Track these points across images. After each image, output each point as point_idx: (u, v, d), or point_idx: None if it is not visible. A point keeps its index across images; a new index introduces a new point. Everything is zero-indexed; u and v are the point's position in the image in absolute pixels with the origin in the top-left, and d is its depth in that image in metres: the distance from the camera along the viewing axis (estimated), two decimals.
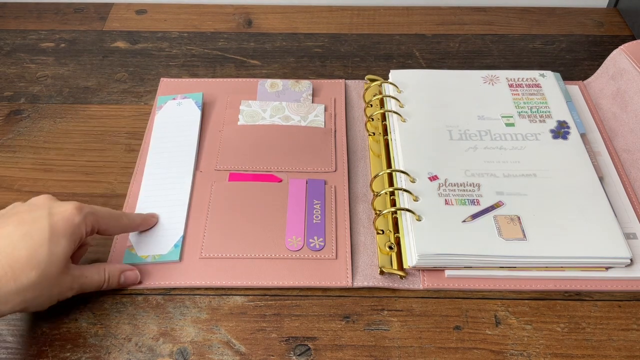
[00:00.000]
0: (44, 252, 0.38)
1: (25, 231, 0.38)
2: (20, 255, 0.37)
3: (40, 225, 0.38)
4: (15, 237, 0.38)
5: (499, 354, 0.43)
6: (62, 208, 0.40)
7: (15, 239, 0.37)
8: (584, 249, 0.46)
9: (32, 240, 0.38)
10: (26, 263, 0.37)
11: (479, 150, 0.53)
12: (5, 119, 0.61)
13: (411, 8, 0.77)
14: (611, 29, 0.73)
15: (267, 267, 0.47)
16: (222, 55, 0.69)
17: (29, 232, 0.38)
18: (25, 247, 0.37)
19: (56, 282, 0.39)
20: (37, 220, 0.39)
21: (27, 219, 0.39)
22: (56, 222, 0.39)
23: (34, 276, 0.37)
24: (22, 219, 0.39)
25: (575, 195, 0.49)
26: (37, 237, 0.38)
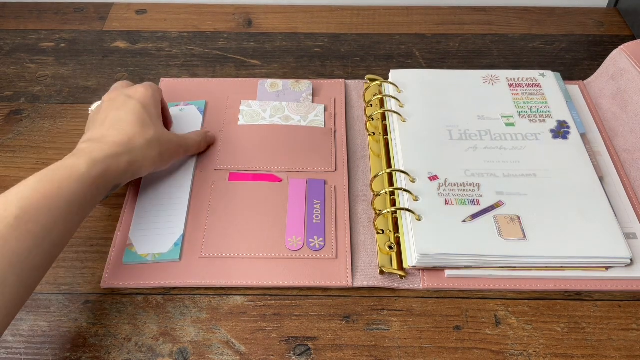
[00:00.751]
0: (147, 117, 0.48)
1: (127, 110, 0.48)
2: (134, 123, 0.47)
3: (132, 103, 0.48)
4: (122, 115, 0.47)
5: (499, 354, 0.43)
6: (134, 90, 0.50)
7: (123, 116, 0.47)
8: (584, 249, 0.46)
9: (134, 113, 0.47)
10: (142, 127, 0.47)
11: (479, 150, 0.53)
12: (5, 119, 0.61)
13: (411, 8, 0.77)
14: (611, 29, 0.73)
15: (267, 267, 0.47)
16: (222, 55, 0.69)
17: (129, 110, 0.48)
18: (134, 118, 0.47)
19: (168, 137, 0.49)
20: (126, 102, 0.48)
21: (119, 105, 0.48)
22: (139, 99, 0.49)
23: (152, 132, 0.47)
24: (116, 107, 0.48)
25: (575, 195, 0.49)
26: (136, 109, 0.48)
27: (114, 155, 0.44)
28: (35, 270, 0.38)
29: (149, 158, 0.47)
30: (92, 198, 0.42)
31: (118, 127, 0.46)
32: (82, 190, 0.41)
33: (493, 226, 0.47)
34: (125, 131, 0.46)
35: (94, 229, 0.51)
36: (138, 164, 0.46)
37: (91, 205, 0.43)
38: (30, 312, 0.45)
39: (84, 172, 0.42)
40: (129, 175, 0.46)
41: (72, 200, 0.40)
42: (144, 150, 0.46)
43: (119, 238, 0.49)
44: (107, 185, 0.44)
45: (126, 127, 0.46)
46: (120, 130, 0.46)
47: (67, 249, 0.49)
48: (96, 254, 0.49)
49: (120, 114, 0.47)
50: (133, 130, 0.46)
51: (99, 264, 0.48)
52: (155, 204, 0.51)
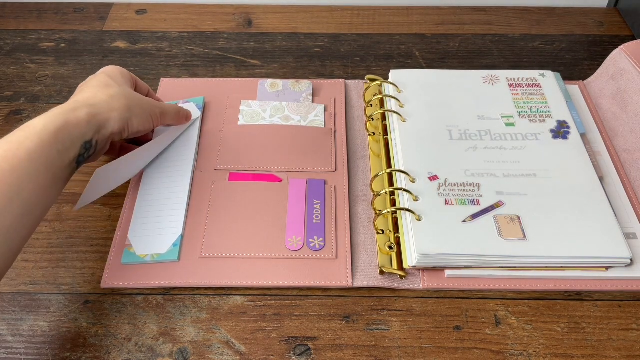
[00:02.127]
0: (111, 81, 0.48)
1: (92, 80, 0.49)
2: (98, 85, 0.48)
3: (97, 76, 0.49)
4: (88, 84, 0.48)
5: (499, 354, 0.43)
6: (107, 67, 0.51)
7: (88, 84, 0.48)
8: (584, 249, 0.46)
9: (99, 80, 0.48)
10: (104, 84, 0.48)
11: (479, 150, 0.53)
12: (5, 119, 0.61)
13: (411, 8, 0.77)
14: (611, 29, 0.73)
15: (267, 267, 0.47)
16: (222, 55, 0.69)
17: (95, 79, 0.49)
18: (96, 83, 0.48)
19: (136, 95, 0.49)
20: (95, 76, 0.50)
21: (87, 81, 0.49)
22: (104, 71, 0.50)
23: (117, 88, 0.48)
24: (88, 86, 0.48)
25: (575, 195, 0.49)
26: (102, 78, 0.49)
27: (71, 110, 0.43)
28: (12, 232, 0.38)
29: (115, 110, 0.46)
30: (59, 154, 0.41)
31: (80, 92, 0.47)
32: (43, 145, 0.40)
33: (493, 226, 0.47)
34: (85, 92, 0.47)
35: (94, 229, 0.51)
36: (102, 116, 0.45)
37: (61, 162, 0.42)
38: (30, 312, 0.45)
39: (41, 127, 0.41)
40: (95, 128, 0.44)
41: (34, 157, 0.39)
42: (108, 103, 0.46)
43: (119, 238, 0.49)
44: (73, 139, 0.42)
45: (88, 89, 0.47)
46: (82, 93, 0.47)
47: (66, 249, 0.49)
48: (96, 254, 0.49)
49: (86, 84, 0.49)
50: (94, 90, 0.47)
51: (99, 264, 0.48)
52: (155, 204, 0.51)
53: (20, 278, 0.47)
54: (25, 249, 0.49)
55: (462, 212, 0.48)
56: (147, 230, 0.49)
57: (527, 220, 0.47)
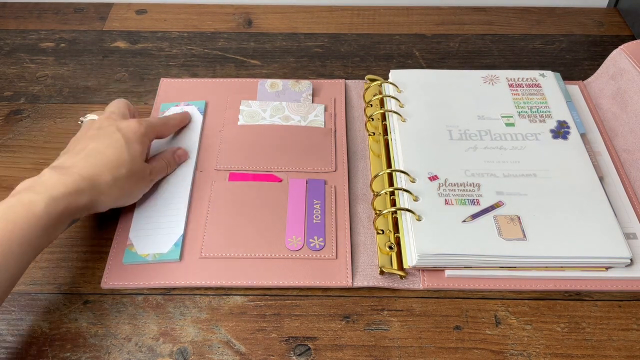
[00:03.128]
0: (126, 155, 0.46)
1: (107, 143, 0.47)
2: (111, 158, 0.46)
3: (115, 137, 0.47)
4: (101, 148, 0.46)
5: (499, 354, 0.43)
6: (126, 124, 0.49)
7: (102, 149, 0.46)
8: (584, 249, 0.46)
9: (114, 148, 0.46)
10: (116, 163, 0.46)
11: (479, 150, 0.53)
12: (5, 119, 0.61)
13: (411, 8, 0.77)
14: (611, 29, 0.73)
15: (267, 267, 0.47)
16: (222, 55, 0.69)
17: (110, 143, 0.47)
18: (111, 153, 0.46)
19: (140, 177, 0.48)
20: (110, 134, 0.47)
21: (101, 136, 0.47)
22: (126, 134, 0.48)
23: (125, 171, 0.46)
24: (97, 137, 0.47)
25: (575, 195, 0.49)
26: (117, 145, 0.47)
27: (75, 193, 0.42)
28: None
29: (112, 196, 0.45)
30: (48, 236, 0.41)
31: (91, 159, 0.45)
32: (38, 229, 0.39)
33: (493, 226, 0.47)
34: (95, 165, 0.45)
35: (94, 229, 0.51)
36: (99, 202, 0.45)
37: (47, 241, 0.41)
38: (31, 312, 0.45)
39: (41, 211, 0.40)
40: (86, 212, 0.45)
41: (26, 241, 0.39)
42: (109, 188, 0.45)
43: (119, 238, 0.49)
44: (65, 222, 0.42)
45: (99, 160, 0.45)
46: (92, 163, 0.45)
47: (67, 249, 0.49)
48: (96, 254, 0.49)
49: (100, 146, 0.46)
50: (104, 166, 0.45)
51: (99, 264, 0.48)
52: (155, 204, 0.51)
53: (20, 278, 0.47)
54: None
55: (462, 212, 0.48)
56: (148, 230, 0.49)
57: (527, 220, 0.47)
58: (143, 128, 0.49)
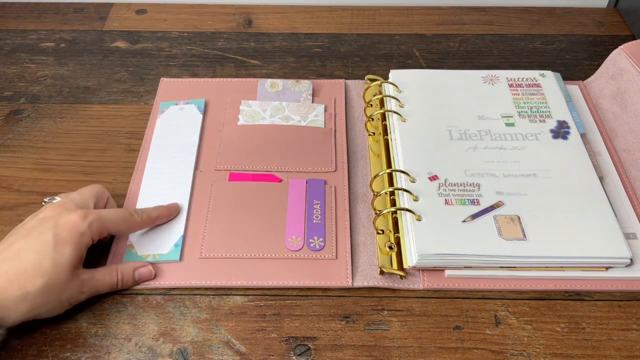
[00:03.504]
0: (48, 262, 0.40)
1: (31, 244, 0.40)
2: (26, 266, 0.39)
3: (44, 238, 0.41)
4: (22, 250, 0.40)
5: (499, 354, 0.43)
6: (66, 218, 0.42)
7: (22, 252, 0.40)
8: (584, 249, 0.46)
9: (36, 252, 0.40)
10: (32, 273, 0.39)
11: (479, 150, 0.53)
12: (5, 119, 0.61)
13: (411, 8, 0.77)
14: (611, 29, 0.73)
15: (267, 267, 0.47)
16: (222, 55, 0.69)
17: (34, 245, 0.40)
18: (30, 259, 0.40)
19: (64, 288, 0.41)
20: (42, 233, 0.41)
21: (33, 233, 0.41)
22: (60, 232, 0.41)
23: (40, 284, 0.39)
24: (28, 233, 0.41)
25: (575, 195, 0.49)
26: (42, 248, 0.40)
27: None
28: None
29: (19, 312, 0.39)
30: None
31: (5, 266, 0.39)
32: None
33: (493, 226, 0.47)
34: (6, 275, 0.39)
35: None
36: (3, 317, 0.39)
37: None
38: None
39: None
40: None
41: None
42: (14, 304, 0.38)
43: (119, 238, 0.49)
44: None
45: (12, 268, 0.39)
46: (4, 271, 0.39)
47: None
48: (96, 254, 0.49)
49: (22, 249, 0.40)
50: (15, 277, 0.39)
51: (99, 264, 0.48)
52: (156, 204, 0.51)
53: None
54: None
55: (462, 212, 0.48)
56: (148, 231, 0.49)
57: (527, 220, 0.47)
58: (85, 225, 0.42)
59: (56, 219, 0.42)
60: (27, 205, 0.52)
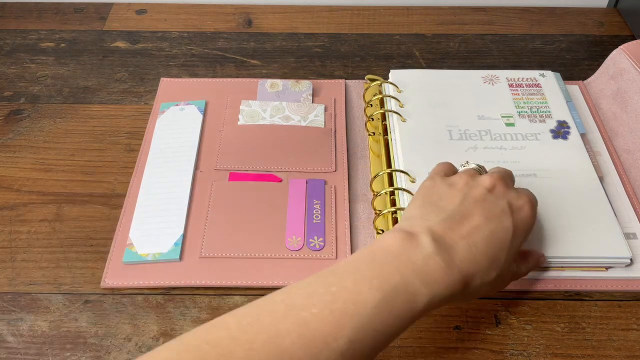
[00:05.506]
0: (504, 256, 0.37)
1: (492, 228, 0.36)
2: (489, 255, 0.36)
3: (505, 225, 0.37)
4: (485, 235, 0.36)
5: (499, 354, 0.43)
6: (520, 204, 0.38)
7: (485, 237, 0.36)
8: (584, 249, 0.46)
9: (497, 241, 0.36)
10: (490, 264, 0.36)
11: (479, 150, 0.53)
12: (5, 119, 0.61)
13: (411, 8, 0.77)
14: (611, 29, 0.73)
15: (267, 267, 0.47)
16: (222, 55, 0.69)
17: (495, 231, 0.37)
18: (492, 248, 0.36)
19: (500, 281, 0.39)
20: (501, 216, 0.37)
21: (493, 213, 0.37)
22: (517, 222, 0.38)
23: (493, 276, 0.36)
24: (489, 211, 0.37)
25: (575, 195, 0.49)
26: (502, 238, 0.37)
27: (449, 297, 0.34)
28: None
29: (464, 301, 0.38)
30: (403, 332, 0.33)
31: (474, 250, 0.35)
32: (406, 327, 0.33)
33: None
34: (475, 261, 0.35)
35: (94, 229, 0.51)
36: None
37: None
38: (30, 312, 0.45)
39: (419, 310, 0.33)
40: None
41: (392, 339, 0.33)
42: (468, 295, 0.36)
43: (119, 238, 0.49)
44: None
45: (479, 255, 0.35)
46: (473, 257, 0.35)
47: (66, 249, 0.49)
48: (96, 254, 0.49)
49: (485, 232, 0.36)
50: (481, 266, 0.35)
51: (99, 264, 0.48)
52: (156, 204, 0.51)
53: (20, 278, 0.47)
54: (25, 248, 0.49)
55: None
56: (148, 230, 0.49)
57: None
58: (534, 217, 0.39)
59: (510, 201, 0.38)
60: (27, 205, 0.52)
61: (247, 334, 0.30)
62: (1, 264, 0.48)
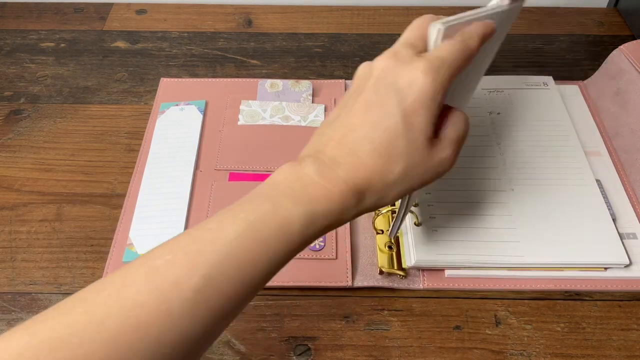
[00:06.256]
0: (400, 143, 0.31)
1: (375, 119, 0.32)
2: (378, 151, 0.31)
3: (388, 109, 0.31)
4: (367, 130, 0.32)
5: (499, 354, 0.43)
6: (408, 78, 0.31)
7: (367, 132, 0.32)
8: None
9: (385, 132, 0.31)
10: (385, 159, 0.31)
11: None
12: (5, 119, 0.61)
13: (411, 8, 0.77)
14: (611, 29, 0.73)
15: None
16: (222, 55, 0.69)
17: (378, 122, 0.31)
18: (379, 142, 0.31)
19: (428, 159, 0.32)
20: (384, 101, 0.31)
21: (373, 101, 0.32)
22: (404, 102, 0.31)
23: (399, 170, 0.32)
24: (367, 101, 0.32)
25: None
26: (390, 126, 0.31)
27: (338, 211, 0.31)
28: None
29: (385, 201, 0.33)
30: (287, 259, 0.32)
31: (356, 151, 0.32)
32: (286, 253, 0.31)
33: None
34: (365, 166, 0.31)
35: (94, 228, 0.51)
36: (367, 211, 0.33)
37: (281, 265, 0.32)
38: (31, 312, 0.45)
39: (296, 232, 0.30)
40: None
41: (269, 268, 0.30)
42: (379, 200, 0.33)
43: (119, 238, 0.49)
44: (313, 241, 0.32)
45: (368, 158, 0.31)
46: (356, 161, 0.32)
47: (66, 249, 0.49)
48: (96, 254, 0.49)
49: (366, 127, 0.32)
50: (373, 167, 0.31)
51: (99, 264, 0.48)
52: (156, 204, 0.51)
53: (20, 278, 0.47)
54: (25, 248, 0.49)
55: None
56: (148, 230, 0.49)
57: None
58: (436, 85, 0.31)
59: (396, 83, 0.31)
60: (27, 205, 0.52)
61: (94, 292, 0.29)
62: (1, 264, 0.48)
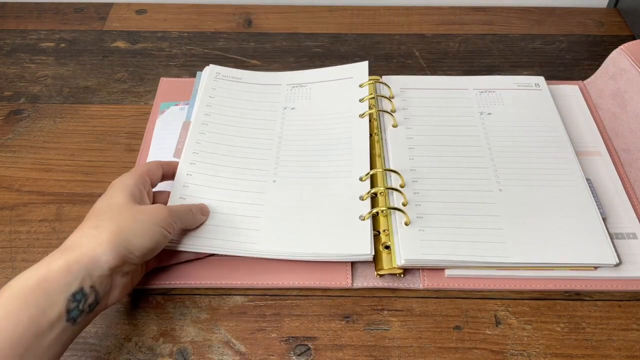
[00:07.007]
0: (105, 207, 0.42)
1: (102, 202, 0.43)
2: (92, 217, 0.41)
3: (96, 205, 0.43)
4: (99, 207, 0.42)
5: (499, 354, 0.43)
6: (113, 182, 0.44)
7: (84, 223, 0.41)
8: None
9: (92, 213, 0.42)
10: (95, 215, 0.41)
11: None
12: (5, 119, 0.61)
13: (411, 8, 0.77)
14: (611, 29, 0.73)
15: (267, 267, 0.47)
16: (222, 55, 0.69)
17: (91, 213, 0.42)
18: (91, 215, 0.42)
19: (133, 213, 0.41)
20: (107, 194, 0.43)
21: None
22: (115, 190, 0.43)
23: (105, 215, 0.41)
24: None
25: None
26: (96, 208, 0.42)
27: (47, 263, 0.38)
28: None
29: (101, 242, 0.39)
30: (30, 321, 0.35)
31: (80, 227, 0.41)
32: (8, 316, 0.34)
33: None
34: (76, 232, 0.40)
35: None
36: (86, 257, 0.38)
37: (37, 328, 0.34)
38: None
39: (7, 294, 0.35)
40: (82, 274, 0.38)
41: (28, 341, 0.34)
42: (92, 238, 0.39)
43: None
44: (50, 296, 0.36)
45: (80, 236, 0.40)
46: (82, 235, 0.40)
47: None
48: None
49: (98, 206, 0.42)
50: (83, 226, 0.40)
51: None
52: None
53: None
54: (25, 248, 0.49)
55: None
56: None
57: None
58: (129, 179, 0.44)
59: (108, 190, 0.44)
60: (27, 205, 0.52)
61: None
62: (1, 264, 0.48)
